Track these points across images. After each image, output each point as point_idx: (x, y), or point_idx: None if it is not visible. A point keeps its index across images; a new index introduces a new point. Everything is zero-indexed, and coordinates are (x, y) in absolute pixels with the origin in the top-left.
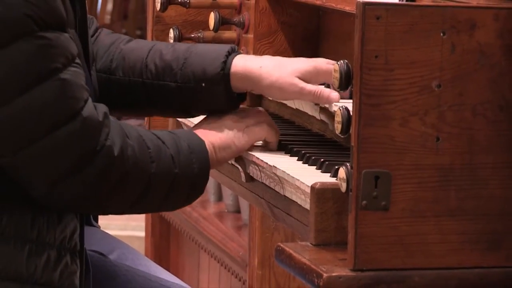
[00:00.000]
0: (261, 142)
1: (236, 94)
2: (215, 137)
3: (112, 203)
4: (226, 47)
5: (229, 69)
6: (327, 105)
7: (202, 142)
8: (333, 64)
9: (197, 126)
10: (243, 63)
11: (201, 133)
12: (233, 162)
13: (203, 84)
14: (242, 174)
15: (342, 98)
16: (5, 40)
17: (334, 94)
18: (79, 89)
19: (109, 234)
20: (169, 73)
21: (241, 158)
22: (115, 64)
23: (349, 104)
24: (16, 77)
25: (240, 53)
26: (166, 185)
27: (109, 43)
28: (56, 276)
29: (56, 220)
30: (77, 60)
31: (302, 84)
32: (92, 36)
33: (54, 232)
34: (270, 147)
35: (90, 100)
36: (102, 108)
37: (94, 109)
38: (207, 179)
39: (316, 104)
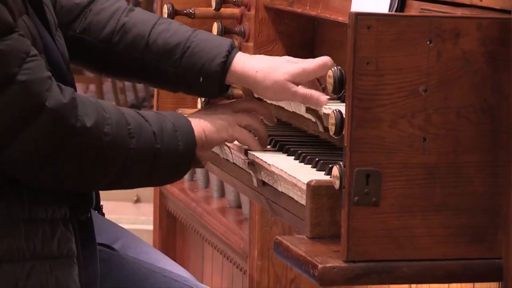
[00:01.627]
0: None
1: (225, 85)
2: (205, 122)
3: (95, 178)
4: (226, 45)
5: (228, 68)
6: (317, 108)
7: (188, 122)
8: (325, 64)
9: (191, 116)
10: (241, 65)
11: (193, 119)
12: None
13: (201, 79)
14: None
15: (331, 99)
16: None
17: (323, 98)
18: (39, 83)
19: (114, 223)
20: (170, 58)
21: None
22: (117, 38)
23: (342, 107)
24: None
25: (237, 49)
26: (148, 161)
27: (110, 12)
28: (54, 246)
29: (43, 195)
30: (32, 52)
31: (295, 88)
32: None
33: (44, 207)
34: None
35: (53, 86)
36: (67, 90)
37: (59, 94)
38: (193, 157)
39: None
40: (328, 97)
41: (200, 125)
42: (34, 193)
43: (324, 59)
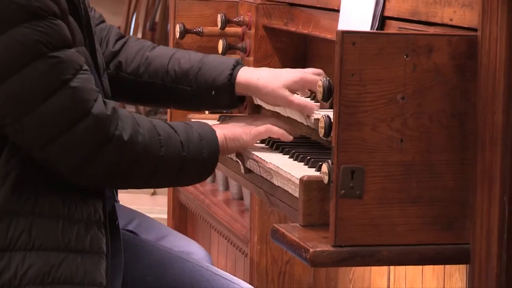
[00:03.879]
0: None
1: (238, 97)
2: (227, 130)
3: (128, 179)
4: (232, 61)
5: (234, 80)
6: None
7: (213, 131)
8: (319, 75)
9: (215, 124)
10: (245, 75)
11: (216, 126)
12: (235, 158)
13: (213, 92)
14: (242, 167)
15: (323, 108)
16: (24, 62)
17: (315, 108)
18: (88, 92)
19: (129, 208)
20: (186, 79)
21: (241, 154)
22: (142, 69)
23: (330, 112)
24: (36, 89)
25: (243, 65)
26: (176, 166)
27: (136, 50)
28: (87, 243)
29: (82, 198)
30: (85, 67)
31: (292, 97)
32: (118, 40)
33: (81, 209)
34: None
35: (99, 98)
36: (111, 104)
37: (103, 106)
38: (216, 162)
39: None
40: (318, 104)
41: (223, 133)
42: (74, 196)
43: (320, 72)
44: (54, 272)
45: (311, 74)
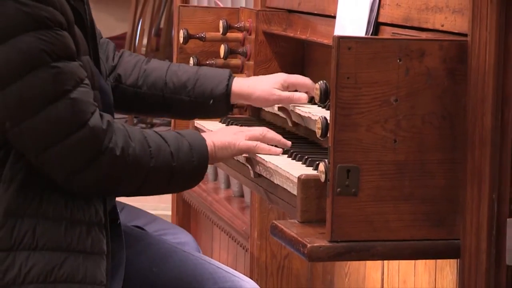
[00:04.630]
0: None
1: (231, 105)
2: (217, 139)
3: (120, 188)
4: (226, 73)
5: (230, 89)
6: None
7: (203, 140)
8: (310, 81)
9: (208, 132)
10: (239, 85)
11: (207, 134)
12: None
13: (212, 101)
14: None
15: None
16: (26, 69)
17: (304, 96)
18: (86, 104)
19: (146, 211)
20: (184, 90)
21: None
22: (141, 82)
23: (327, 114)
24: (36, 97)
25: (234, 77)
26: (165, 176)
27: (133, 63)
28: (88, 244)
29: (84, 201)
30: (86, 81)
31: (279, 92)
32: (115, 54)
33: (83, 211)
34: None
35: (96, 112)
36: (107, 117)
37: (100, 119)
38: (205, 170)
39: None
40: (306, 96)
41: (212, 141)
42: (77, 199)
43: (306, 80)
44: (57, 271)
45: (295, 77)
